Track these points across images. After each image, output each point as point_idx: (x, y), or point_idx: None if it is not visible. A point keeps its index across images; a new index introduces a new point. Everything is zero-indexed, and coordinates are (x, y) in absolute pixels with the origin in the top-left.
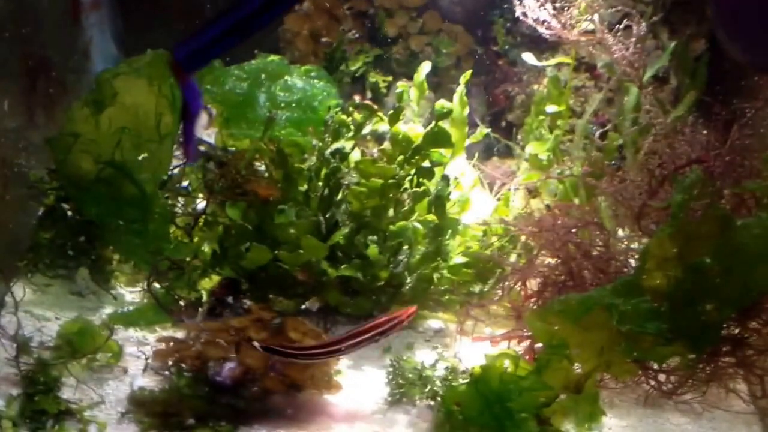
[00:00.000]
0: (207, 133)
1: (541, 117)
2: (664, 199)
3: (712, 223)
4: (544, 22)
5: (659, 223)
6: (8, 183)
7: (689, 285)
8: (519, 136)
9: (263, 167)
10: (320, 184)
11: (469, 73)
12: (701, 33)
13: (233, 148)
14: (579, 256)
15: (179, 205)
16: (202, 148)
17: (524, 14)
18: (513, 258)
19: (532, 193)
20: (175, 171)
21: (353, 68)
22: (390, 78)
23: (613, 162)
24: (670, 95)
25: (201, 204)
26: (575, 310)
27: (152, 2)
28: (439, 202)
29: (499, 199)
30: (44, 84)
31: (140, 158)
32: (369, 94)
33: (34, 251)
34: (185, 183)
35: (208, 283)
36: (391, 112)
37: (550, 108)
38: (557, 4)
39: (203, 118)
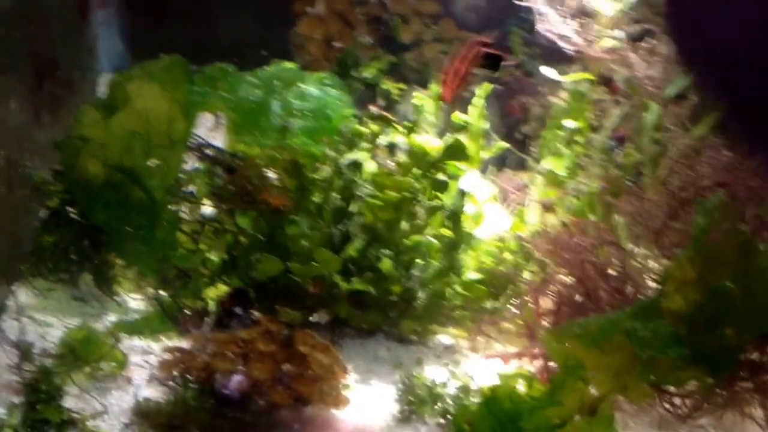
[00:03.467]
0: (212, 135)
1: (559, 131)
2: (685, 220)
3: (733, 248)
4: (566, 37)
5: (679, 244)
6: (13, 184)
7: (709, 309)
8: (533, 149)
9: (273, 176)
10: (334, 195)
11: (489, 86)
12: None
13: (242, 155)
14: (596, 275)
15: (184, 210)
16: (209, 151)
17: (547, 30)
18: (527, 275)
19: (548, 208)
20: (181, 175)
21: (366, 75)
22: (403, 85)
23: (629, 179)
24: (688, 111)
25: (207, 210)
26: (594, 333)
27: (160, 0)
28: (454, 217)
29: (513, 214)
30: (50, 83)
31: (150, 164)
32: (381, 102)
33: (37, 254)
34: (191, 188)
35: (214, 292)
36: (406, 123)
37: (570, 123)
38: (580, 20)
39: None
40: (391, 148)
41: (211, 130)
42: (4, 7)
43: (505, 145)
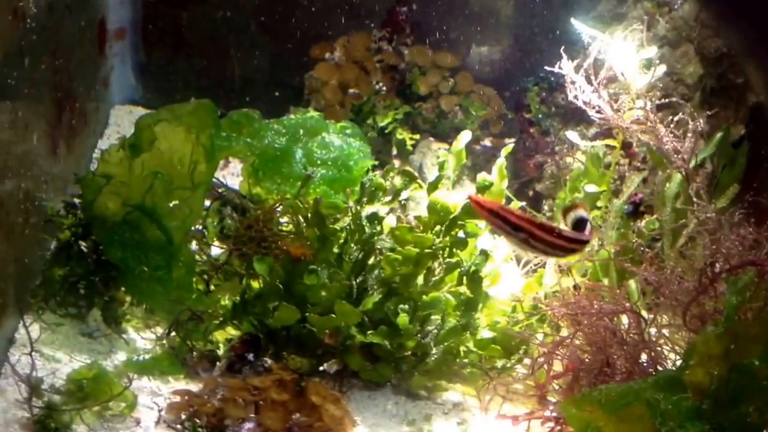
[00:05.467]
0: (222, 175)
1: (576, 194)
2: (709, 294)
3: (763, 325)
4: (594, 106)
5: (702, 317)
6: (29, 216)
7: (734, 385)
8: (546, 207)
9: (287, 222)
10: (354, 247)
11: (511, 146)
12: (740, 118)
13: (257, 199)
14: (612, 341)
15: (194, 249)
16: (220, 190)
17: (575, 97)
18: (540, 336)
19: (563, 270)
20: None
21: (382, 123)
22: (417, 136)
23: (645, 246)
24: (705, 180)
25: (216, 251)
26: (615, 402)
27: (174, 34)
28: (474, 276)
29: (527, 274)
30: (69, 115)
31: (171, 205)
32: (395, 151)
33: (45, 287)
34: (199, 227)
35: (223, 335)
36: (431, 181)
37: (590, 188)
38: (611, 91)
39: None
40: (405, 202)
41: (221, 170)
42: (29, 39)
43: (521, 204)
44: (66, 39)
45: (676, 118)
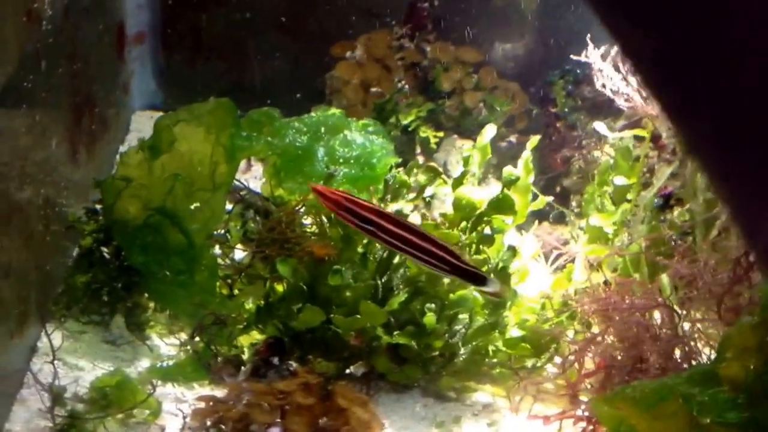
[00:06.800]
0: (245, 178)
1: (605, 187)
2: (743, 286)
3: None
4: (623, 94)
5: (736, 310)
6: (49, 223)
7: None
8: (574, 203)
9: (310, 223)
10: (378, 246)
11: (536, 139)
12: None
13: (280, 200)
14: (645, 337)
15: (217, 253)
16: (242, 193)
17: (603, 86)
18: (570, 333)
19: (593, 266)
20: None
21: (405, 121)
22: (441, 133)
23: (676, 239)
24: None
25: (239, 255)
26: (648, 398)
27: (194, 38)
28: (503, 274)
29: (556, 270)
30: (88, 120)
31: (192, 207)
32: (418, 149)
33: (68, 295)
34: (222, 231)
35: (247, 339)
36: (456, 176)
37: (620, 180)
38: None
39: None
40: (430, 199)
41: (243, 173)
42: (45, 42)
43: (549, 199)
44: (84, 43)
45: None
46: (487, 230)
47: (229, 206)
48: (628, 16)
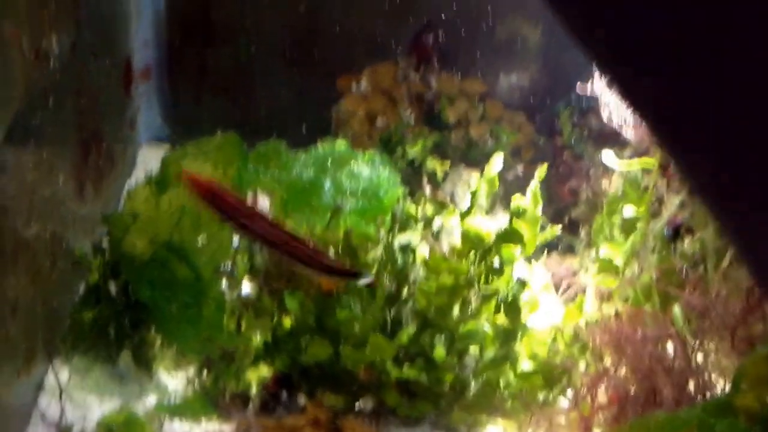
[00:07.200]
0: None
1: (614, 218)
2: (760, 317)
3: None
4: (630, 124)
5: (751, 339)
6: (56, 259)
7: None
8: (583, 234)
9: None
10: (386, 278)
11: (544, 168)
12: None
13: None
14: (658, 369)
15: (224, 287)
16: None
17: (609, 117)
18: (582, 366)
19: (604, 297)
20: None
21: (411, 153)
22: (447, 164)
23: (686, 268)
24: None
25: (246, 288)
26: (663, 430)
27: (200, 73)
28: (513, 306)
29: (566, 301)
30: (95, 156)
31: (199, 241)
32: (425, 180)
33: (75, 331)
34: (229, 265)
35: (255, 374)
36: (463, 208)
37: (629, 210)
38: None
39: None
40: (437, 231)
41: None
42: (52, 80)
43: (558, 230)
44: (91, 79)
45: None
46: (496, 262)
47: (236, 239)
48: (633, 66)
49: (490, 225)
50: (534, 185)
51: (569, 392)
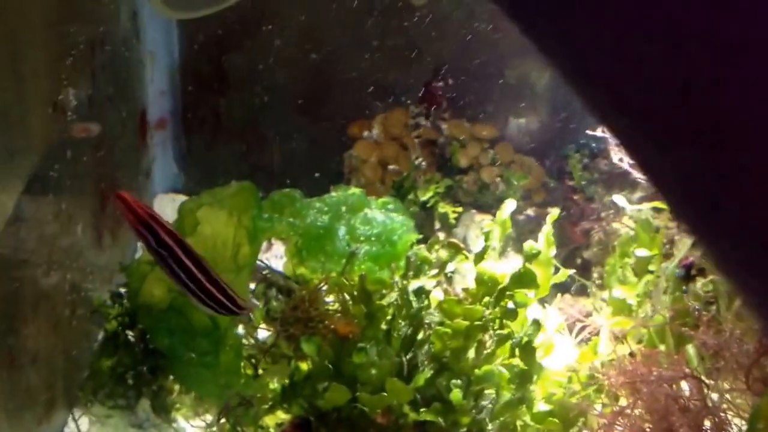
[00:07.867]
0: (266, 257)
1: (627, 259)
2: None
3: None
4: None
5: (765, 379)
6: (75, 308)
7: None
8: (596, 275)
9: (333, 301)
10: (402, 322)
11: (556, 212)
12: None
13: (302, 279)
14: (674, 409)
15: (241, 333)
16: (265, 273)
17: (620, 159)
18: (598, 407)
19: (618, 338)
20: None
21: (423, 198)
22: (460, 209)
23: (698, 309)
24: None
25: (262, 334)
26: None
27: (214, 122)
28: (528, 348)
29: (580, 342)
30: (112, 206)
31: None
32: (438, 225)
33: (94, 379)
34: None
35: (273, 419)
36: (477, 252)
37: (641, 252)
38: None
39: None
40: (451, 275)
41: (264, 252)
42: (72, 131)
43: (571, 272)
44: (108, 131)
45: None
46: (510, 304)
47: (252, 286)
48: (652, 138)
49: (504, 268)
50: (547, 229)
51: None
